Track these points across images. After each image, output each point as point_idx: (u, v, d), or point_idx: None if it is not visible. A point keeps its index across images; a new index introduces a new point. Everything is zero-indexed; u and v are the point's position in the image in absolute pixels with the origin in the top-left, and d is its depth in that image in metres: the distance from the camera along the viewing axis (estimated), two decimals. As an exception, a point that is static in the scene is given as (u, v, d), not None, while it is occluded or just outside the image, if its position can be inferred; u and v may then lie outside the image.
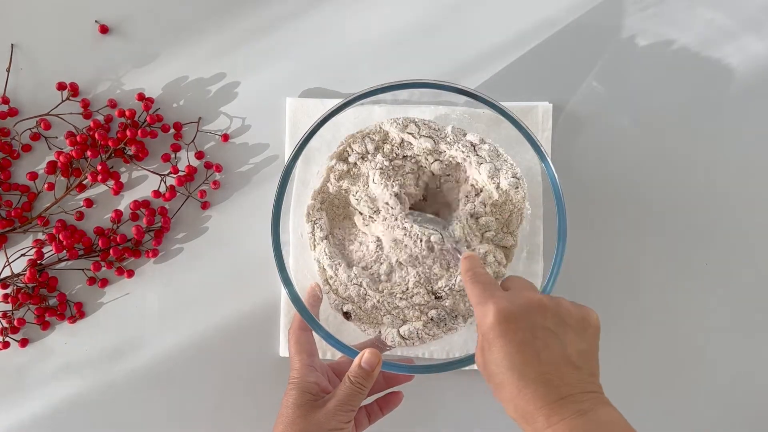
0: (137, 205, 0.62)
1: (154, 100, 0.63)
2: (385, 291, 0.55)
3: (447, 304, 0.55)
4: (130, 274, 0.62)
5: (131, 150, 0.62)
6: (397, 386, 0.56)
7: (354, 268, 0.56)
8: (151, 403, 0.62)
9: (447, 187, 0.59)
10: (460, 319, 0.55)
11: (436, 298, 0.55)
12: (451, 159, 0.57)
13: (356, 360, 0.49)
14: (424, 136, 0.56)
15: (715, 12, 0.63)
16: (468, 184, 0.58)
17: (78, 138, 0.61)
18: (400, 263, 0.56)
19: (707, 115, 0.62)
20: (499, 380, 0.40)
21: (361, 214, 0.58)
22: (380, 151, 0.57)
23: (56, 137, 0.63)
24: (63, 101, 0.62)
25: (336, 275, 0.56)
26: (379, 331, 0.55)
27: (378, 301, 0.55)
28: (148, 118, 0.62)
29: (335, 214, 0.58)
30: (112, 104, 0.63)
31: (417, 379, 0.56)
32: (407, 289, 0.55)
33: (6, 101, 0.62)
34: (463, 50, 0.63)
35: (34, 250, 0.62)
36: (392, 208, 0.55)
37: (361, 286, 0.55)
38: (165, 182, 0.63)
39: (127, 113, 0.62)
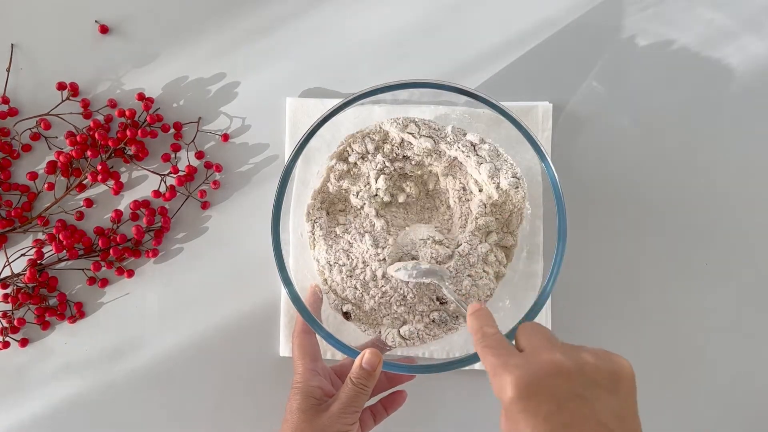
0: (137, 205, 0.62)
1: (154, 100, 0.63)
2: (382, 295, 0.55)
3: (451, 308, 0.55)
4: (130, 274, 0.62)
5: (131, 150, 0.62)
6: (399, 385, 0.56)
7: (351, 268, 0.56)
8: (151, 403, 0.62)
9: (447, 186, 0.59)
10: (461, 319, 0.55)
11: (441, 303, 0.55)
12: (451, 159, 0.57)
13: (357, 361, 0.49)
14: (424, 135, 0.56)
15: (715, 12, 0.63)
16: (468, 184, 0.58)
17: (78, 138, 0.61)
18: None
19: (707, 115, 0.62)
20: None
21: (360, 211, 0.58)
22: (380, 151, 0.57)
23: (56, 137, 0.63)
24: (63, 101, 0.62)
25: (332, 275, 0.56)
26: (379, 332, 0.55)
27: (376, 303, 0.55)
28: (148, 118, 0.62)
29: (335, 213, 0.58)
30: (112, 104, 0.63)
31: (417, 379, 0.56)
32: (404, 297, 0.55)
33: (6, 101, 0.62)
34: (463, 50, 0.63)
35: (34, 250, 0.62)
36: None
37: (356, 288, 0.55)
38: (165, 182, 0.62)
39: (127, 113, 0.62)
